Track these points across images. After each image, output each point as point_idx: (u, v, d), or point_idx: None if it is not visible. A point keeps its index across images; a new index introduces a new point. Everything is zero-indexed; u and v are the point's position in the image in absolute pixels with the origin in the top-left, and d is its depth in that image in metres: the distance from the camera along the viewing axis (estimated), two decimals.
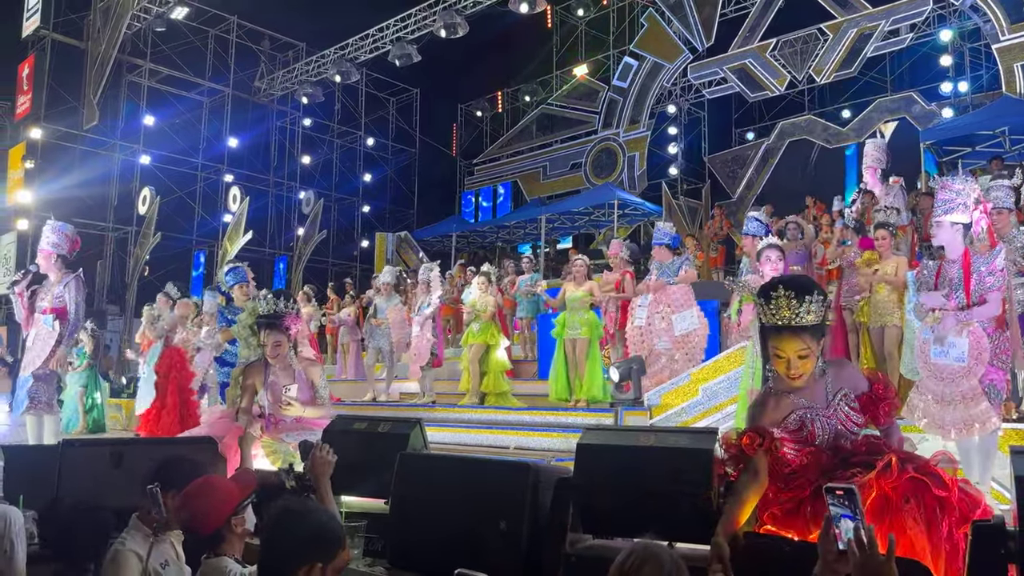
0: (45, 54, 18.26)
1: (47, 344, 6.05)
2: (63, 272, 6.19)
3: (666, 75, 19.40)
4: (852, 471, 2.19)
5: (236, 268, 7.34)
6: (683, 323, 7.08)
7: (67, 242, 6.28)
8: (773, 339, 2.38)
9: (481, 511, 2.61)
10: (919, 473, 2.13)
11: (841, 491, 1.64)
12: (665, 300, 7.09)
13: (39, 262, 6.25)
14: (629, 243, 9.75)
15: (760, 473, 2.29)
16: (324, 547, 1.95)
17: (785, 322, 2.32)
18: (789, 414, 2.38)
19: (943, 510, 2.06)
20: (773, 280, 2.49)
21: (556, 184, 21.78)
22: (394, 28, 18.33)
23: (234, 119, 21.50)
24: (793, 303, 2.31)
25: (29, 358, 6.09)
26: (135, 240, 18.94)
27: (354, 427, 3.45)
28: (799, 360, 2.34)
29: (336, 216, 23.50)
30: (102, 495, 3.53)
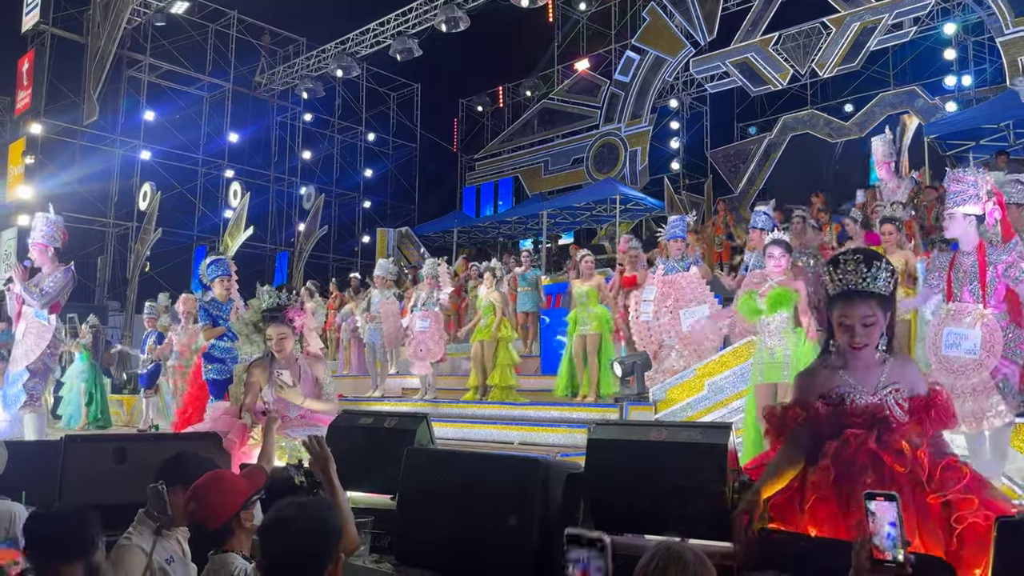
0: (45, 49, 18.20)
1: (40, 338, 5.98)
2: (55, 265, 6.12)
3: (668, 69, 19.34)
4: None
5: (219, 260, 7.04)
6: (691, 319, 7.00)
7: (60, 234, 6.21)
8: (839, 306, 2.35)
9: (490, 507, 2.57)
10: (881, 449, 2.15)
11: (882, 496, 1.61)
12: (673, 294, 7.03)
13: (33, 255, 6.18)
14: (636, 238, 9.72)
15: (800, 447, 2.30)
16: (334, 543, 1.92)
17: (852, 286, 2.30)
18: (834, 387, 2.36)
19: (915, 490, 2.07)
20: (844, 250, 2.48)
21: (557, 179, 21.75)
22: (395, 22, 18.27)
23: (234, 114, 21.45)
24: (862, 267, 2.30)
25: (20, 352, 6.01)
26: (136, 236, 18.91)
27: (360, 422, 3.41)
28: (864, 328, 2.30)
29: (337, 212, 23.46)
30: (105, 491, 3.51)
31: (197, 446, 3.18)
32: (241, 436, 4.43)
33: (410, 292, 11.95)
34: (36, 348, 5.96)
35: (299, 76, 21.07)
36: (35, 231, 6.26)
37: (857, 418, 2.26)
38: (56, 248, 6.17)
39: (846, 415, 2.30)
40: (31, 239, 6.22)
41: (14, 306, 6.20)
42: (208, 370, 6.69)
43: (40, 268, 6.15)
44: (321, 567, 1.87)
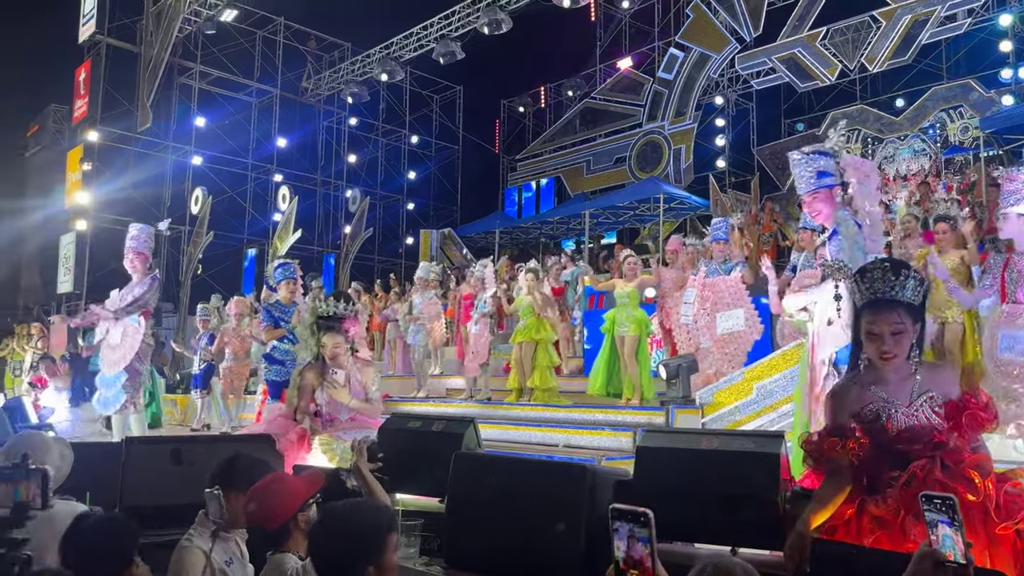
0: (100, 59, 18.78)
1: (135, 341, 6.23)
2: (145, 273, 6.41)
3: (713, 66, 19.09)
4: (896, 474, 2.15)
5: (286, 264, 7.24)
6: (727, 322, 6.92)
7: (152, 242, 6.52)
8: (867, 316, 2.30)
9: (538, 513, 2.59)
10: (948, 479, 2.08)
11: (939, 500, 1.59)
12: (712, 297, 6.96)
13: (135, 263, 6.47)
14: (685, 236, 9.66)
15: (844, 475, 2.24)
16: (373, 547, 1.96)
17: (880, 294, 2.26)
18: (867, 404, 2.31)
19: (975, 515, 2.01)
20: (872, 260, 2.46)
21: (600, 179, 21.64)
22: (438, 26, 18.40)
23: (282, 119, 21.85)
24: (889, 276, 2.25)
25: (118, 355, 6.25)
26: (188, 239, 19.39)
27: (408, 426, 3.46)
28: (892, 338, 2.24)
29: (381, 214, 23.73)
30: (163, 491, 3.62)
31: (251, 447, 3.27)
32: (299, 439, 4.51)
33: (453, 293, 12.07)
34: (131, 351, 6.22)
35: (344, 81, 21.38)
36: (132, 239, 6.56)
37: (912, 444, 2.20)
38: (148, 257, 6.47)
39: (890, 438, 2.24)
40: (132, 248, 6.52)
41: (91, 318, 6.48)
42: (268, 371, 6.85)
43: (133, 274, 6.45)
44: (360, 566, 1.91)
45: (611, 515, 1.48)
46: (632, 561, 1.46)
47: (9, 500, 1.73)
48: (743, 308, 6.93)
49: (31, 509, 1.73)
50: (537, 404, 7.65)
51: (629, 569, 1.45)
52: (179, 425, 12.15)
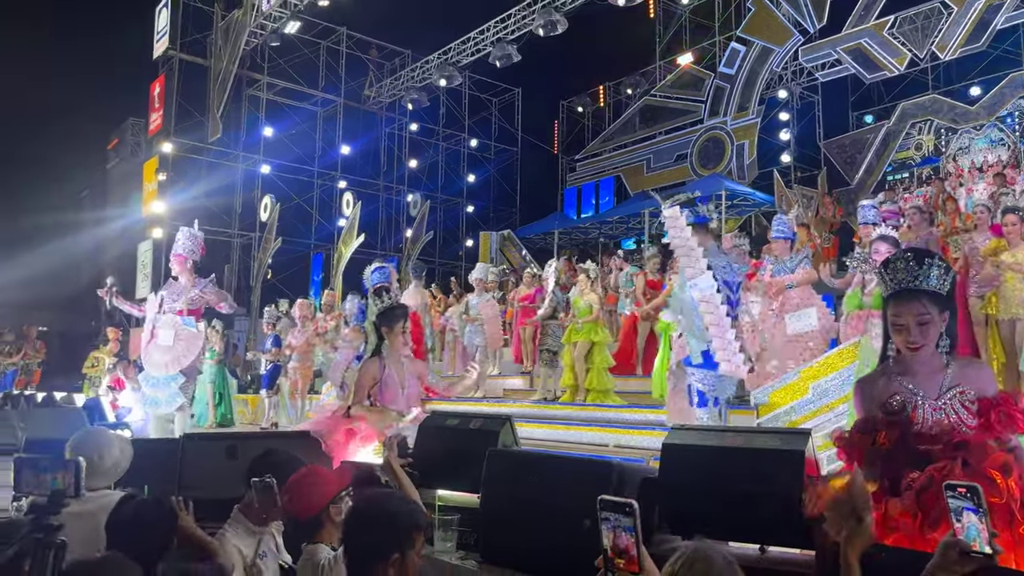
0: (173, 73, 19.64)
1: (191, 344, 6.50)
2: (194, 276, 6.65)
3: (776, 59, 18.65)
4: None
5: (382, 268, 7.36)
6: (798, 323, 6.74)
7: (199, 248, 6.76)
8: (892, 306, 2.27)
9: (567, 509, 2.62)
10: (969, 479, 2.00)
11: (963, 488, 1.56)
12: (780, 298, 6.82)
13: (175, 266, 6.74)
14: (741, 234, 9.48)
15: (875, 470, 2.20)
16: (403, 537, 2.03)
17: (903, 284, 2.23)
18: (893, 394, 2.26)
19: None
20: (896, 251, 2.42)
21: (661, 177, 21.38)
22: (494, 30, 18.55)
23: (346, 127, 22.42)
24: (912, 265, 2.22)
25: (171, 357, 6.53)
26: (258, 245, 20.07)
27: (447, 423, 3.54)
28: (919, 327, 2.21)
29: (442, 217, 24.07)
30: (219, 485, 3.79)
31: (293, 444, 3.39)
32: (346, 437, 4.65)
33: (513, 294, 12.15)
34: (189, 354, 6.49)
35: (405, 88, 21.77)
36: (177, 243, 6.84)
37: (933, 443, 2.15)
38: (195, 260, 6.71)
39: (916, 435, 2.19)
40: (173, 251, 6.80)
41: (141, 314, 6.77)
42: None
43: (178, 277, 6.72)
44: (384, 554, 1.97)
45: (599, 506, 1.52)
46: (619, 550, 1.50)
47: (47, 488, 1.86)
48: (815, 306, 6.75)
49: (66, 497, 1.86)
50: (588, 404, 7.65)
51: (616, 557, 1.49)
52: (250, 424, 12.57)
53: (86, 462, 2.06)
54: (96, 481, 2.68)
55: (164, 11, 19.73)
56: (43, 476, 1.89)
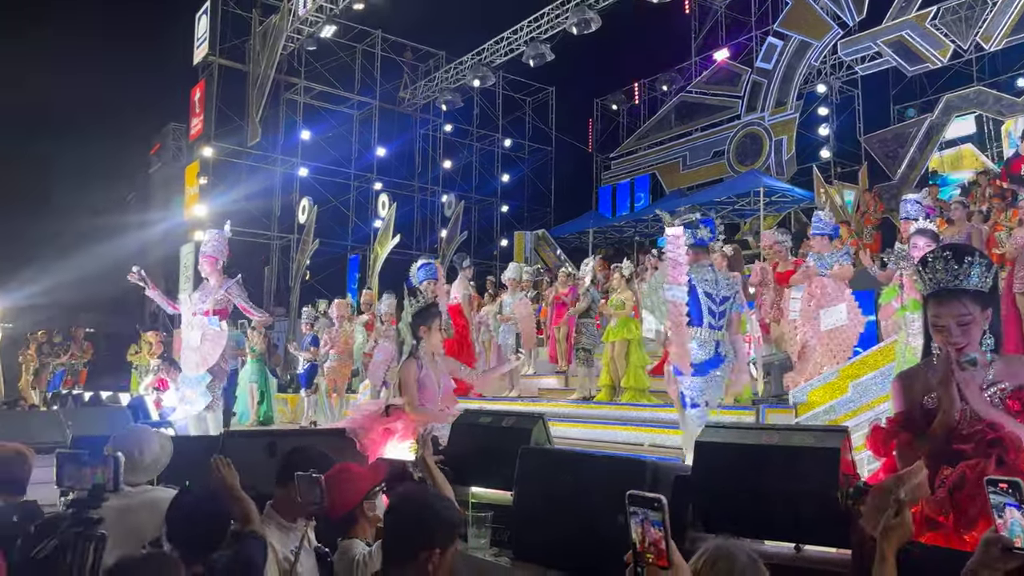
0: (213, 78, 20.02)
1: (216, 344, 6.61)
2: (222, 277, 6.75)
3: (814, 54, 18.35)
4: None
5: (428, 264, 7.24)
6: (830, 318, 6.67)
7: (226, 248, 6.86)
8: (932, 307, 2.22)
9: (599, 507, 2.61)
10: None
11: (1005, 483, 1.53)
12: (816, 293, 6.74)
13: (204, 267, 6.85)
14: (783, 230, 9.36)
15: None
16: (440, 533, 2.05)
17: (943, 285, 2.16)
18: (933, 392, 2.22)
19: None
20: (933, 248, 2.35)
21: (697, 174, 21.19)
22: (527, 29, 18.56)
23: (381, 130, 22.63)
24: (952, 265, 2.15)
25: (199, 357, 6.66)
26: (297, 247, 20.35)
27: (480, 421, 3.55)
28: (959, 328, 2.15)
29: (476, 217, 24.16)
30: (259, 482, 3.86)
31: (329, 442, 3.44)
32: (383, 435, 4.70)
33: (547, 293, 12.14)
34: (213, 353, 6.60)
35: (439, 89, 21.90)
36: (206, 244, 6.96)
37: (966, 443, 2.09)
38: (223, 261, 6.82)
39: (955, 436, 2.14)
40: (202, 251, 6.92)
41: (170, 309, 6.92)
42: None
43: (207, 278, 6.83)
44: (415, 549, 1.99)
45: (628, 501, 1.52)
46: (648, 545, 1.50)
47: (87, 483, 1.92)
48: (844, 302, 6.68)
49: (105, 491, 1.92)
50: (625, 404, 7.61)
51: (646, 552, 1.49)
52: (290, 423, 12.76)
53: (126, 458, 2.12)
54: (137, 476, 2.75)
55: (204, 18, 20.13)
56: (84, 471, 1.95)
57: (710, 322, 4.83)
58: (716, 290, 4.92)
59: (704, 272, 4.93)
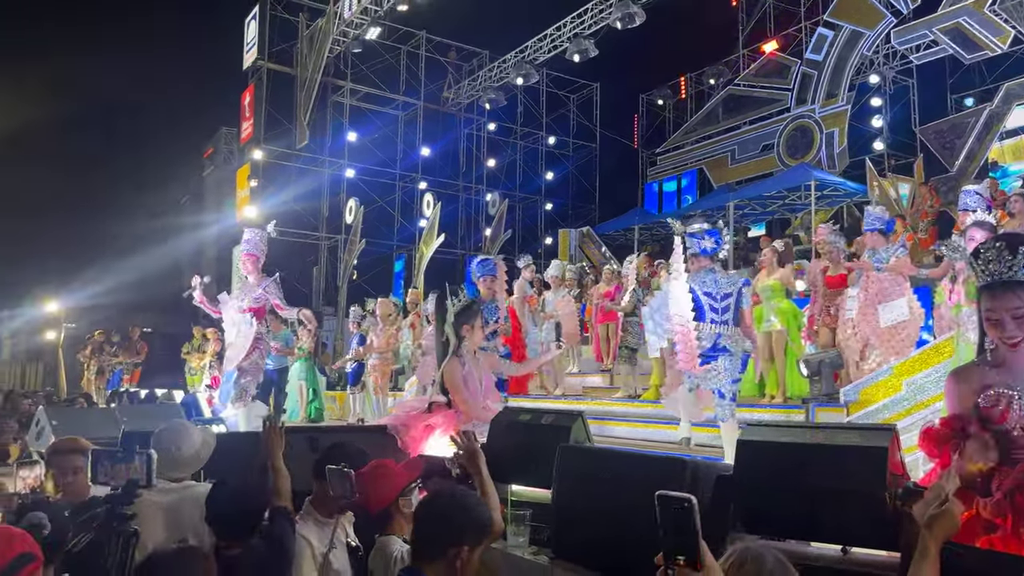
0: (262, 82, 20.43)
1: (247, 340, 6.72)
2: (261, 275, 6.85)
3: (866, 43, 17.85)
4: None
5: (485, 260, 7.02)
6: (889, 314, 6.48)
7: (265, 246, 6.94)
8: (985, 300, 2.13)
9: (638, 506, 2.55)
10: None
11: None
12: (873, 289, 6.55)
13: (245, 265, 6.95)
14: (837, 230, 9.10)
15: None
16: (470, 531, 2.03)
17: (997, 276, 2.08)
18: (987, 389, 2.12)
19: None
20: (986, 240, 2.25)
21: (746, 168, 20.83)
22: (571, 25, 18.47)
23: (426, 130, 22.81)
24: (1005, 255, 2.06)
25: (232, 354, 6.78)
26: (344, 247, 20.64)
27: (519, 419, 3.53)
28: (1014, 322, 2.07)
29: (520, 215, 24.18)
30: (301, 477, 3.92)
31: (371, 438, 3.46)
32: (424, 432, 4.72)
33: (592, 290, 12.05)
34: (243, 350, 6.71)
35: (482, 88, 21.96)
36: (247, 243, 7.06)
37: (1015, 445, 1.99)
38: (262, 259, 6.91)
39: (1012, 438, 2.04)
40: (242, 250, 7.02)
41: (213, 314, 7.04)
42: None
43: (247, 276, 6.94)
44: (444, 545, 1.99)
45: (657, 502, 1.48)
46: (678, 545, 1.45)
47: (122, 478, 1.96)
48: (905, 296, 6.48)
49: (138, 487, 1.95)
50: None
51: (676, 553, 1.45)
52: (338, 420, 12.95)
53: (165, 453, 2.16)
54: (177, 471, 2.80)
55: (252, 23, 20.56)
56: (118, 467, 1.99)
57: (712, 317, 5.43)
58: (716, 289, 5.50)
59: (703, 276, 5.53)
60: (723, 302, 5.47)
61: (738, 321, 5.54)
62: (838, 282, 7.11)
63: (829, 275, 7.22)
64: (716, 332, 5.43)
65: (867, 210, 7.34)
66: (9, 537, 1.45)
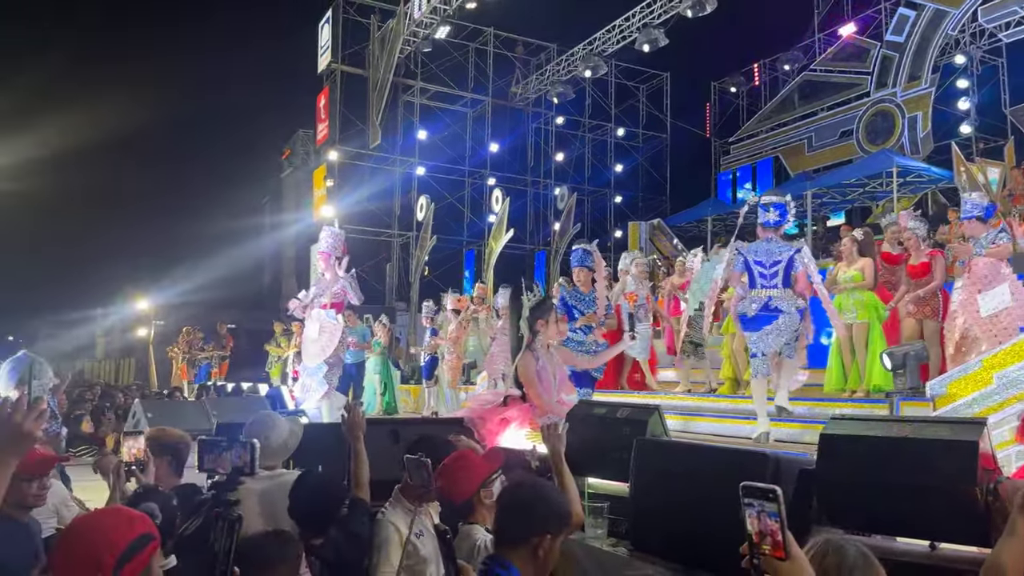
0: (336, 85, 20.96)
1: (332, 335, 6.95)
2: (337, 272, 7.07)
3: (951, 22, 17.06)
4: None
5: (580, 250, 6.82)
6: (991, 302, 6.20)
7: (340, 244, 7.17)
8: None
9: (717, 501, 2.56)
10: None
11: None
12: (972, 277, 6.30)
13: (320, 263, 7.20)
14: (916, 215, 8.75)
15: None
16: (553, 520, 2.08)
17: None
18: None
19: None
20: None
21: (824, 155, 20.22)
22: (640, 15, 18.27)
23: (494, 126, 22.98)
24: None
25: (317, 348, 7.00)
26: (415, 243, 21.01)
27: (594, 412, 3.56)
28: None
29: (589, 208, 24.10)
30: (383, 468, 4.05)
31: (448, 431, 3.56)
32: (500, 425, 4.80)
33: (664, 283, 11.92)
34: (331, 344, 6.94)
35: (550, 82, 21.96)
36: (321, 242, 7.31)
37: None
38: (337, 257, 7.13)
39: None
40: (318, 248, 7.28)
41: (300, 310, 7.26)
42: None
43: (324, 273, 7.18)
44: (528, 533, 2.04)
45: (742, 493, 1.50)
46: (764, 536, 1.47)
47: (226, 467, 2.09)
48: (1006, 282, 6.20)
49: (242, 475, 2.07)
50: (748, 397, 7.37)
51: (761, 543, 1.47)
52: (412, 413, 13.21)
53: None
54: (267, 460, 2.95)
55: (326, 27, 21.09)
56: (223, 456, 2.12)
57: (761, 283, 5.76)
58: (767, 258, 5.79)
59: (758, 246, 5.86)
60: (772, 268, 5.76)
61: (788, 283, 5.73)
62: (920, 271, 6.84)
63: (910, 264, 6.96)
64: (766, 296, 5.72)
65: (964, 199, 7.03)
66: (131, 518, 1.57)
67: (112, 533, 1.54)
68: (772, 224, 5.84)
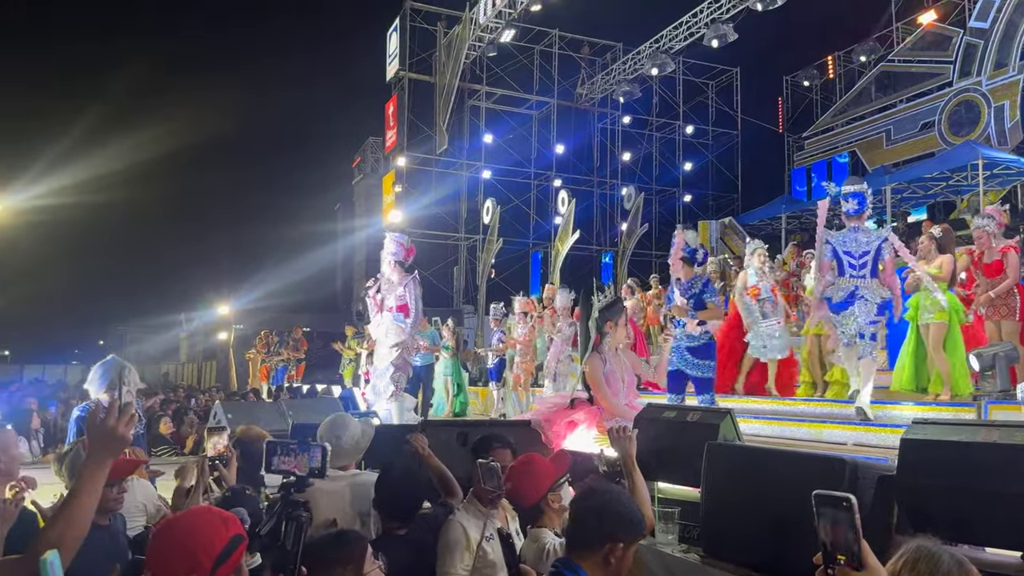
0: (404, 92, 21.31)
1: (398, 337, 7.07)
2: (402, 275, 7.18)
3: None
4: None
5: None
6: None
7: (403, 250, 7.28)
8: None
9: (792, 507, 2.48)
10: None
11: None
12: None
13: (384, 268, 7.33)
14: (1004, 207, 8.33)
15: None
16: (625, 528, 2.06)
17: None
18: None
19: None
20: None
21: (903, 148, 19.45)
22: (708, 11, 17.96)
23: (559, 127, 22.95)
24: None
25: (384, 350, 7.14)
26: (482, 246, 21.16)
27: (663, 415, 3.50)
28: None
29: (657, 208, 23.78)
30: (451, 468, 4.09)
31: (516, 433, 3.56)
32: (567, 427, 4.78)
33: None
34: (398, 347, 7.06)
35: (616, 81, 21.80)
36: (385, 247, 7.46)
37: None
38: (399, 262, 7.24)
39: None
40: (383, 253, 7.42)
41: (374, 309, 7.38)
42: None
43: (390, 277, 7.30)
44: (600, 540, 2.02)
45: (815, 501, 1.44)
46: (839, 546, 1.41)
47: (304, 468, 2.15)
48: None
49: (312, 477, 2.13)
50: (824, 400, 7.14)
51: (837, 553, 1.41)
52: (481, 415, 13.28)
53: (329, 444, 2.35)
54: (339, 460, 3.02)
55: (394, 35, 21.47)
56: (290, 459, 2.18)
57: (851, 273, 5.89)
58: (856, 248, 5.89)
59: (845, 235, 5.96)
60: (861, 259, 5.88)
61: (876, 274, 5.83)
62: (994, 269, 6.50)
63: (984, 263, 6.62)
64: (854, 284, 5.85)
65: None
66: (225, 520, 1.63)
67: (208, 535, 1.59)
68: (852, 213, 5.92)
